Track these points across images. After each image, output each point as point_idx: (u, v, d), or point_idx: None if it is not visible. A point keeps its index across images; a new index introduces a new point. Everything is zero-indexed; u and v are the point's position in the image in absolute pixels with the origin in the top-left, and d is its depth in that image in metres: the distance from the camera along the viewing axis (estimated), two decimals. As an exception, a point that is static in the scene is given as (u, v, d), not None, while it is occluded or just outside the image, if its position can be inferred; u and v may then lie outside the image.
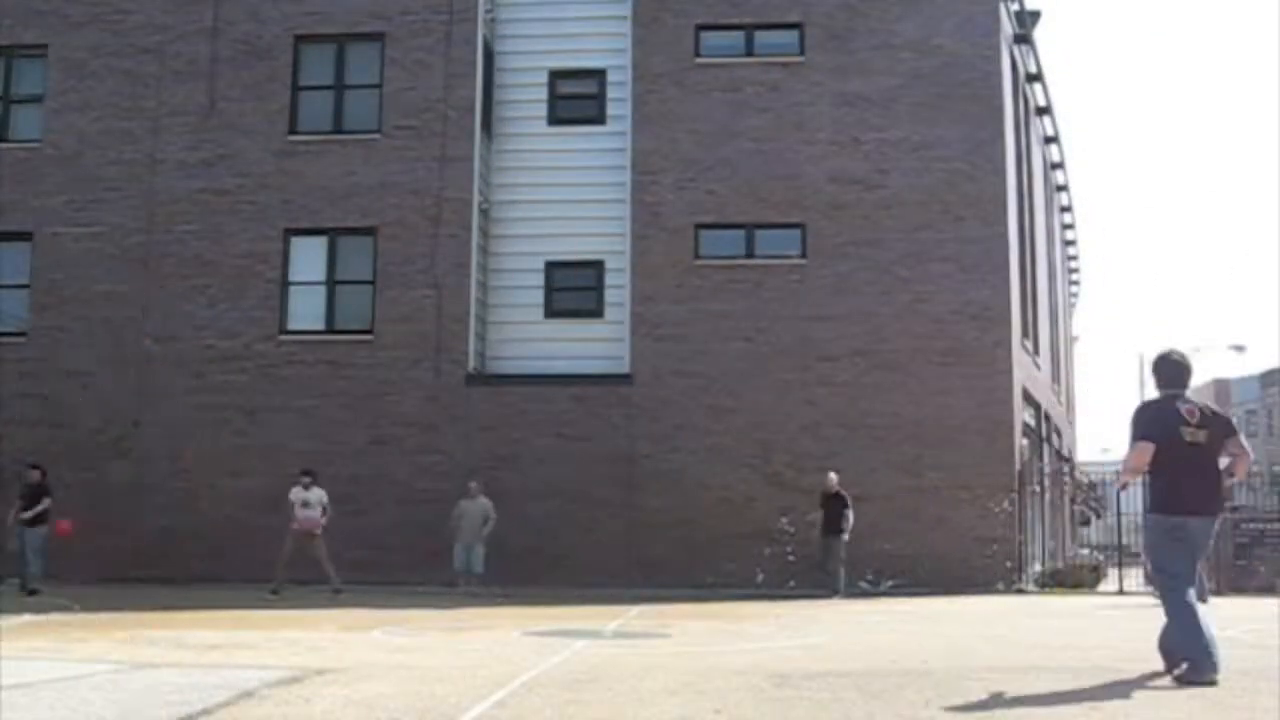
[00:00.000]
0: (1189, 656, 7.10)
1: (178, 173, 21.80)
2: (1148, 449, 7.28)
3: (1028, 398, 23.90)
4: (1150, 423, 7.41)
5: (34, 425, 21.07)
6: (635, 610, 14.88)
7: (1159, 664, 7.75)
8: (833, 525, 18.88)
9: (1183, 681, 7.01)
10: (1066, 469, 29.10)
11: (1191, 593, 7.34)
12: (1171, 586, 7.33)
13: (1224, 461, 7.63)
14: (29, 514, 17.76)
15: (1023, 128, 25.70)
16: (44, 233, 21.92)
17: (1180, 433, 7.34)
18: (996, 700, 6.67)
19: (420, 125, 21.62)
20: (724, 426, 20.60)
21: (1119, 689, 7.06)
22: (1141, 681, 7.39)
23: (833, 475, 19.03)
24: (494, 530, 18.71)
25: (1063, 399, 34.14)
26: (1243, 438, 7.75)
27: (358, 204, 21.50)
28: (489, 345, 21.88)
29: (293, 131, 21.94)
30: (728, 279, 21.20)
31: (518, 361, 21.72)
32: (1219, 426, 7.54)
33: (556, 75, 22.46)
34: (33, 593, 16.64)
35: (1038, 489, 24.33)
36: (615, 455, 20.59)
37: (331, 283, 21.73)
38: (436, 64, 21.71)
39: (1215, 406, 7.91)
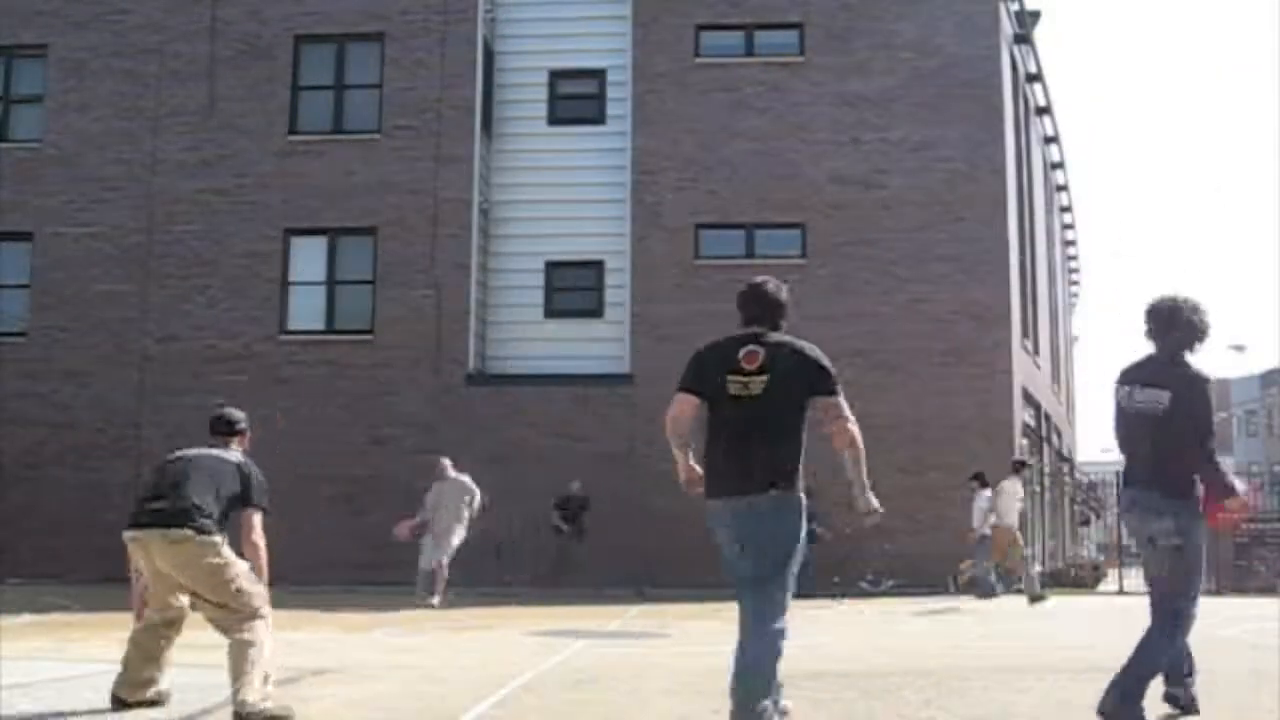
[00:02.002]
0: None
1: (178, 173, 21.79)
2: None
3: (1028, 398, 23.90)
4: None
5: (34, 425, 21.07)
6: (635, 610, 14.89)
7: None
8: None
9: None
10: (1066, 469, 29.12)
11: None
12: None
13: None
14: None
15: (1023, 128, 25.69)
16: (44, 233, 21.91)
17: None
18: (996, 700, 6.67)
19: (420, 125, 21.61)
20: (724, 426, 20.55)
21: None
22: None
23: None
24: (489, 525, 17.33)
25: (1063, 399, 34.14)
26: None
27: (358, 204, 21.49)
28: (489, 345, 21.88)
29: (293, 131, 21.93)
30: (728, 279, 20.98)
31: (518, 361, 21.71)
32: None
33: (556, 75, 22.45)
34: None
35: (1038, 489, 24.34)
36: (615, 455, 20.57)
37: (331, 283, 21.72)
38: (436, 64, 21.70)
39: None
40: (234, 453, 6.75)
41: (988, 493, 17.65)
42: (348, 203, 21.52)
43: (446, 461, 16.92)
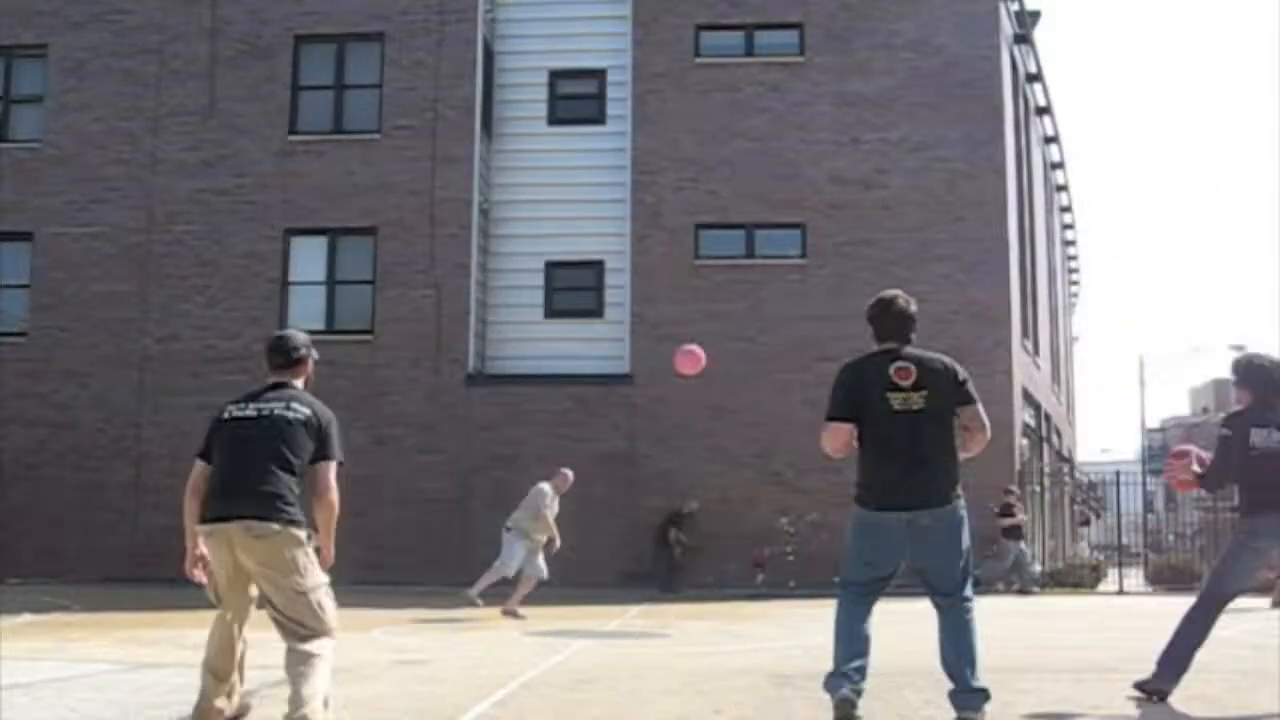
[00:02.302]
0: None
1: (178, 173, 21.78)
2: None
3: (1028, 398, 23.90)
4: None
5: (34, 425, 21.07)
6: (635, 610, 14.88)
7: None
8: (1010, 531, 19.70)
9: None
10: (1066, 469, 29.11)
11: None
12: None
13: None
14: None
15: (1023, 128, 25.69)
16: (44, 233, 21.91)
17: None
18: (996, 700, 6.67)
19: (420, 125, 21.60)
20: (724, 427, 20.58)
21: (1119, 689, 7.05)
22: (1138, 681, 7.37)
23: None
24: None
25: (1062, 399, 34.14)
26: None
27: (357, 204, 21.49)
28: (489, 345, 21.87)
29: (293, 131, 21.92)
30: (728, 279, 21.19)
31: (518, 361, 21.70)
32: None
33: (556, 75, 22.44)
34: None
35: (1038, 489, 24.33)
36: (615, 455, 20.57)
37: (331, 283, 21.71)
38: (436, 64, 21.70)
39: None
40: (300, 400, 6.10)
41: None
42: (347, 203, 21.52)
43: (566, 472, 15.93)
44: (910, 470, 5.59)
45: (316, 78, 22.23)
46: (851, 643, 6.10)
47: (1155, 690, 6.64)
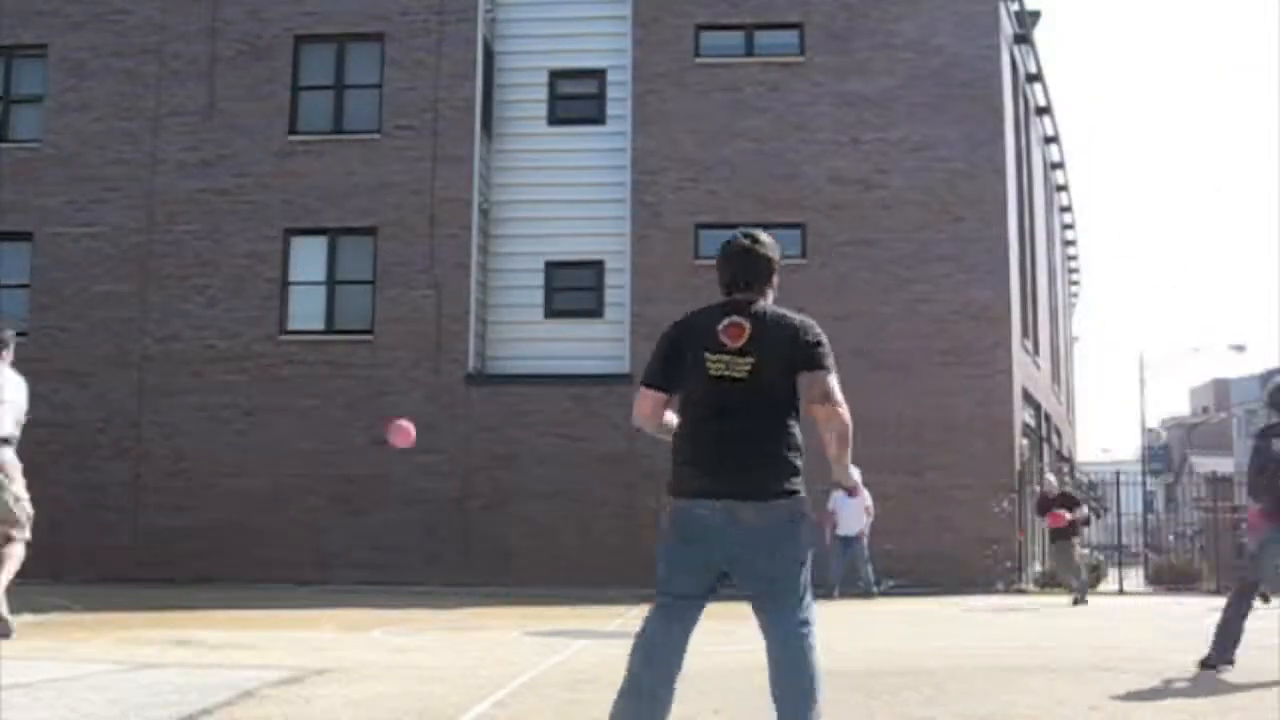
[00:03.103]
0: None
1: (177, 173, 21.78)
2: None
3: (1028, 398, 23.90)
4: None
5: (33, 425, 20.92)
6: (635, 610, 14.86)
7: (1159, 664, 7.75)
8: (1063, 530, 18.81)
9: None
10: (1066, 469, 29.09)
11: None
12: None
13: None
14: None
15: (1023, 128, 25.69)
16: (44, 233, 21.91)
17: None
18: (996, 700, 6.67)
19: (420, 125, 21.61)
20: (724, 426, 20.53)
21: (1119, 689, 7.06)
22: (1142, 681, 7.38)
23: (1051, 476, 19.43)
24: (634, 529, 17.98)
25: (1062, 399, 34.14)
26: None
27: (357, 204, 21.49)
28: (489, 345, 21.87)
29: (292, 131, 21.92)
30: (727, 279, 21.14)
31: (517, 361, 21.71)
32: None
33: (556, 75, 22.45)
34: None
35: (1038, 489, 24.32)
36: (615, 455, 20.56)
37: (331, 283, 21.72)
38: (436, 64, 21.70)
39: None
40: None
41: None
42: (347, 203, 21.52)
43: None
44: (726, 451, 4.44)
45: (316, 78, 22.23)
46: (649, 667, 4.76)
47: (1220, 662, 7.88)
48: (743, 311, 4.63)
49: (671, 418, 4.69)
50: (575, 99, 22.38)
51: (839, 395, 4.52)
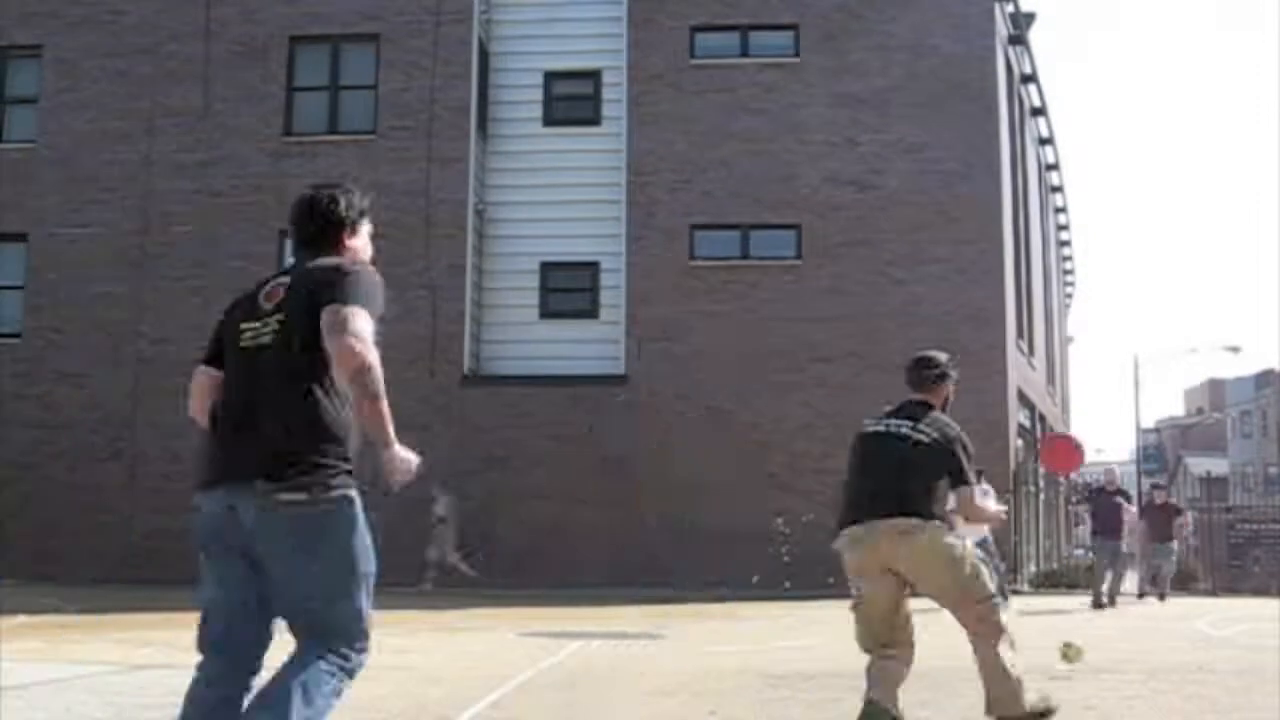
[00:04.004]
0: None
1: (173, 174, 21.75)
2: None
3: (1023, 399, 23.91)
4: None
5: (29, 426, 21.02)
6: (631, 611, 14.87)
7: (1155, 664, 7.76)
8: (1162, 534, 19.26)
9: None
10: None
11: None
12: None
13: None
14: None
15: (1018, 129, 25.71)
16: (39, 234, 21.87)
17: None
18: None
19: (415, 126, 21.59)
20: (719, 427, 20.56)
21: (1115, 689, 7.06)
22: (1138, 682, 7.39)
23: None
24: (484, 530, 18.48)
25: (1057, 400, 34.17)
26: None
27: (353, 205, 21.44)
28: (484, 346, 21.85)
29: (288, 132, 21.89)
30: (723, 280, 21.19)
31: (513, 362, 21.69)
32: None
33: (551, 76, 22.42)
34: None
35: (1033, 490, 24.35)
36: (611, 456, 20.56)
37: (327, 284, 21.65)
38: (431, 65, 21.68)
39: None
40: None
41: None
42: (343, 204, 21.47)
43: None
44: (236, 432, 3.76)
45: (311, 79, 22.20)
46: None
47: None
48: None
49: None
50: (570, 100, 22.37)
51: (357, 325, 3.81)
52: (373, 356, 3.91)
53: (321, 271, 3.96)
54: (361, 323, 3.88)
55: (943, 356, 6.05)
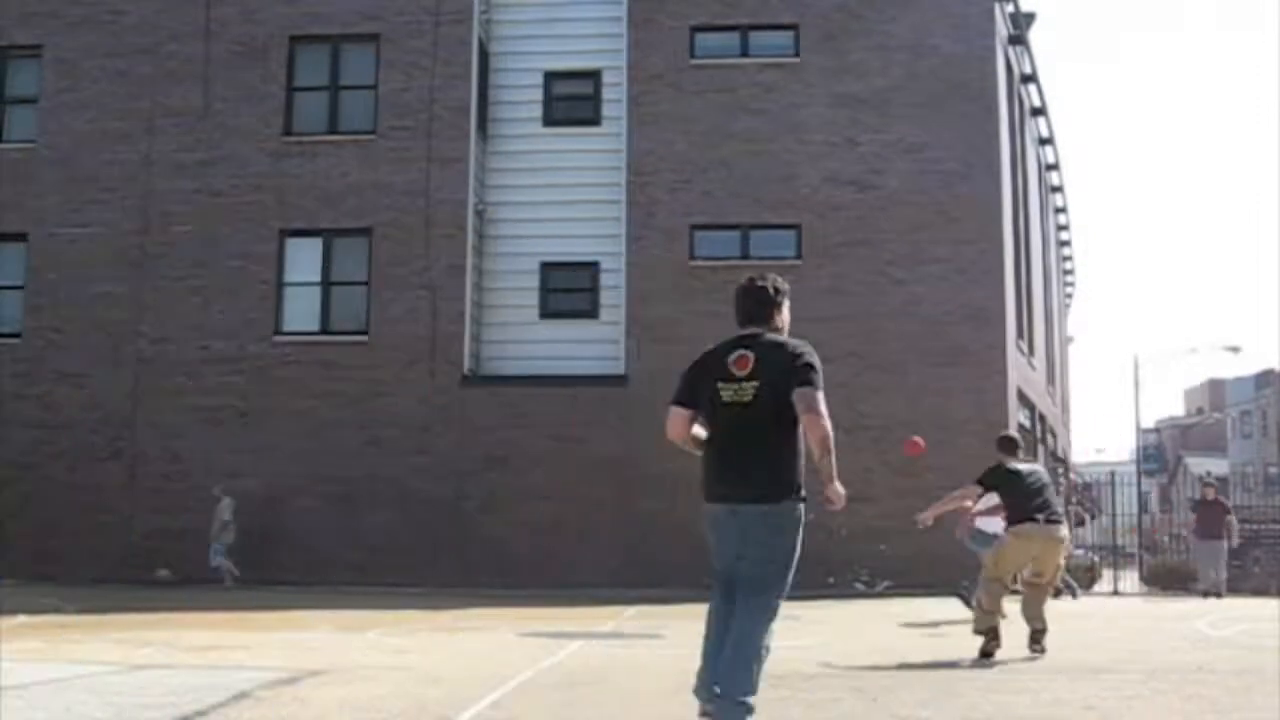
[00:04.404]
0: None
1: (173, 173, 21.74)
2: None
3: (1023, 399, 23.91)
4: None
5: (29, 426, 21.03)
6: (630, 611, 14.87)
7: (1155, 664, 7.76)
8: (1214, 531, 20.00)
9: None
10: (1061, 470, 29.11)
11: None
12: None
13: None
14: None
15: (1018, 129, 25.71)
16: (39, 233, 21.87)
17: None
18: (992, 701, 6.68)
19: (415, 126, 21.58)
20: (719, 428, 20.52)
21: (1115, 689, 7.06)
22: (1138, 682, 7.39)
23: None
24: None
25: (1058, 400, 34.16)
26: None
27: (353, 205, 21.47)
28: (484, 346, 21.85)
29: (288, 132, 21.89)
30: (723, 280, 21.03)
31: (513, 362, 21.69)
32: None
33: (552, 76, 22.42)
34: None
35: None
36: (611, 456, 20.56)
37: (327, 284, 21.68)
38: (431, 65, 21.67)
39: None
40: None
41: None
42: (343, 204, 21.50)
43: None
44: (734, 468, 5.57)
45: (311, 78, 22.20)
46: (709, 627, 6.05)
47: None
48: (748, 344, 5.69)
49: (700, 430, 5.63)
50: (570, 100, 22.37)
51: (822, 407, 5.37)
52: (829, 427, 5.38)
53: (788, 357, 5.56)
54: (823, 404, 5.41)
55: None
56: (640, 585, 18.81)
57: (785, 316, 6.10)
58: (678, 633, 11.71)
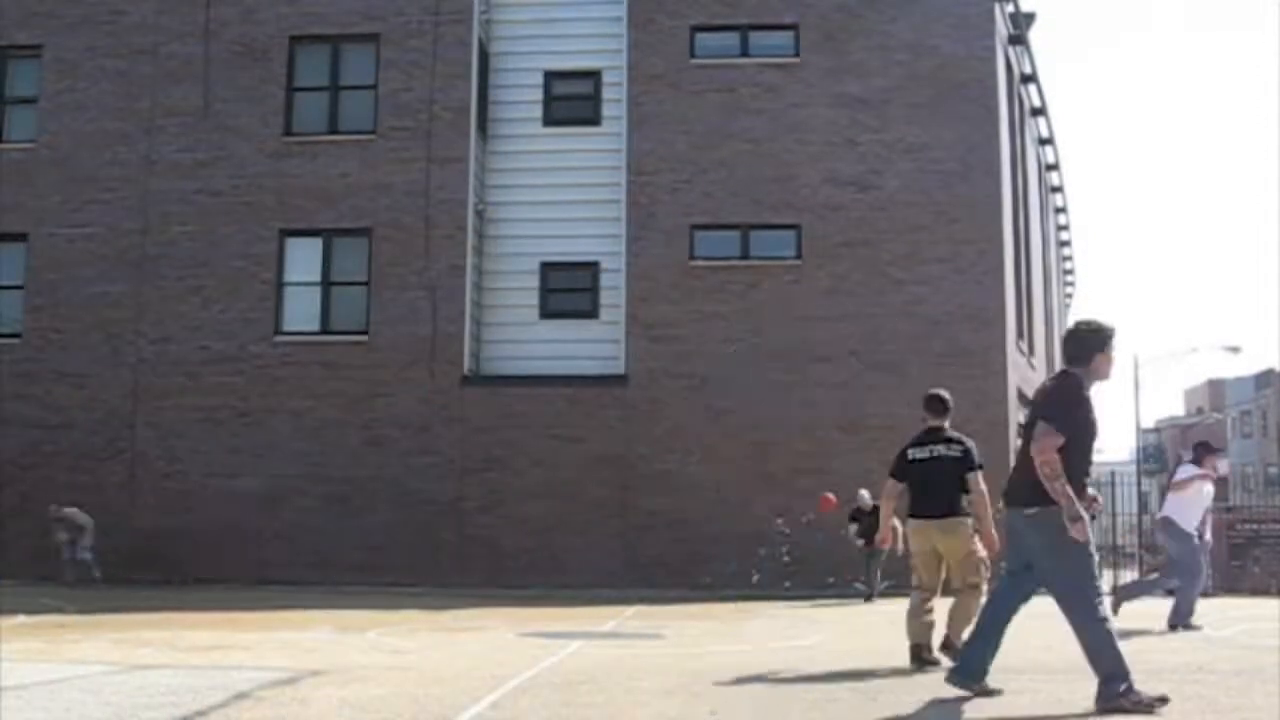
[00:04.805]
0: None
1: (173, 174, 21.75)
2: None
3: (1023, 399, 23.88)
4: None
5: (29, 426, 21.04)
6: (630, 611, 14.87)
7: (1155, 664, 7.74)
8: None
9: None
10: (1061, 470, 29.02)
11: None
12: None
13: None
14: None
15: (1017, 129, 25.70)
16: (39, 234, 21.88)
17: None
18: (994, 701, 6.68)
19: (415, 126, 21.59)
20: (719, 427, 20.58)
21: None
22: (1138, 682, 7.37)
23: (864, 492, 18.75)
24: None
25: (1058, 400, 34.08)
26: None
27: (353, 205, 21.47)
28: (484, 346, 21.85)
29: (288, 132, 21.90)
30: (723, 280, 21.19)
31: (513, 362, 21.70)
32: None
33: (552, 76, 22.43)
34: None
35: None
36: (610, 456, 20.57)
37: (326, 284, 21.69)
38: (431, 65, 21.68)
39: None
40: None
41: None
42: (343, 204, 21.51)
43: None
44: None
45: (311, 79, 22.21)
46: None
47: None
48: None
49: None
50: (570, 100, 22.37)
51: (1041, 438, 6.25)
52: (1046, 456, 6.20)
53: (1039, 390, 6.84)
54: (1043, 435, 6.22)
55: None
56: (640, 585, 18.82)
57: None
58: (677, 633, 11.71)
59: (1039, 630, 8.35)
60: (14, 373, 21.35)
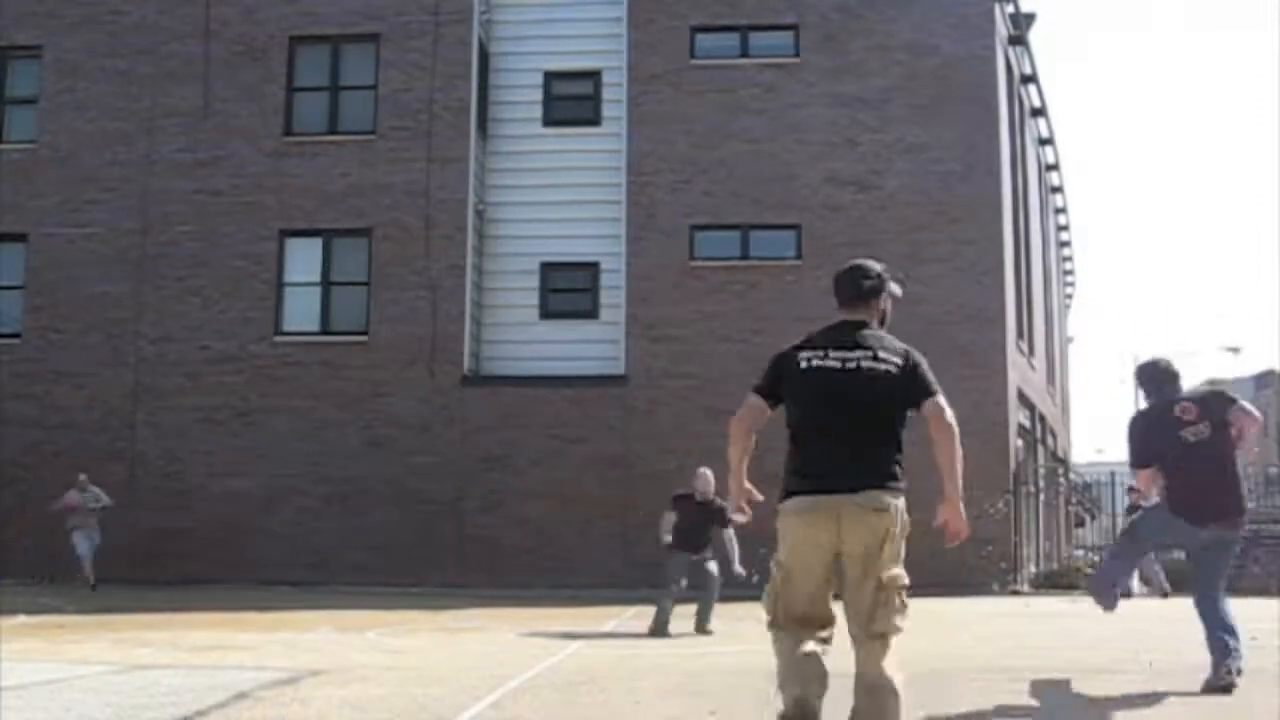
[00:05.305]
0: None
1: (172, 174, 21.75)
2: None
3: (1023, 399, 23.91)
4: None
5: (28, 427, 21.03)
6: (630, 611, 14.87)
7: (1155, 664, 7.74)
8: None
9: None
10: (1061, 470, 29.12)
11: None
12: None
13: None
14: None
15: (1018, 129, 25.71)
16: (38, 234, 21.87)
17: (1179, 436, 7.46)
18: (991, 702, 6.68)
19: (415, 126, 21.59)
20: (719, 428, 20.28)
21: (1116, 689, 7.06)
22: (1139, 681, 7.38)
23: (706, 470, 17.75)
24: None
25: (1057, 400, 34.16)
26: (1245, 403, 7.66)
27: (353, 205, 21.47)
28: (484, 347, 21.85)
29: (288, 132, 21.89)
30: (723, 280, 21.19)
31: (513, 363, 21.69)
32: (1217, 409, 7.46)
33: (552, 76, 22.42)
34: None
35: (1033, 490, 24.33)
36: (610, 457, 20.57)
37: (327, 284, 21.69)
38: (431, 65, 21.68)
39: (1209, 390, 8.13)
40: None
41: None
42: (343, 204, 21.51)
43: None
44: None
45: (311, 79, 22.20)
46: None
47: None
48: None
49: None
50: (570, 100, 22.37)
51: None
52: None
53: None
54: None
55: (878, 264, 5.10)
56: (640, 585, 18.79)
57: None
58: (678, 632, 11.72)
59: (1037, 631, 8.36)
60: (14, 373, 21.35)
